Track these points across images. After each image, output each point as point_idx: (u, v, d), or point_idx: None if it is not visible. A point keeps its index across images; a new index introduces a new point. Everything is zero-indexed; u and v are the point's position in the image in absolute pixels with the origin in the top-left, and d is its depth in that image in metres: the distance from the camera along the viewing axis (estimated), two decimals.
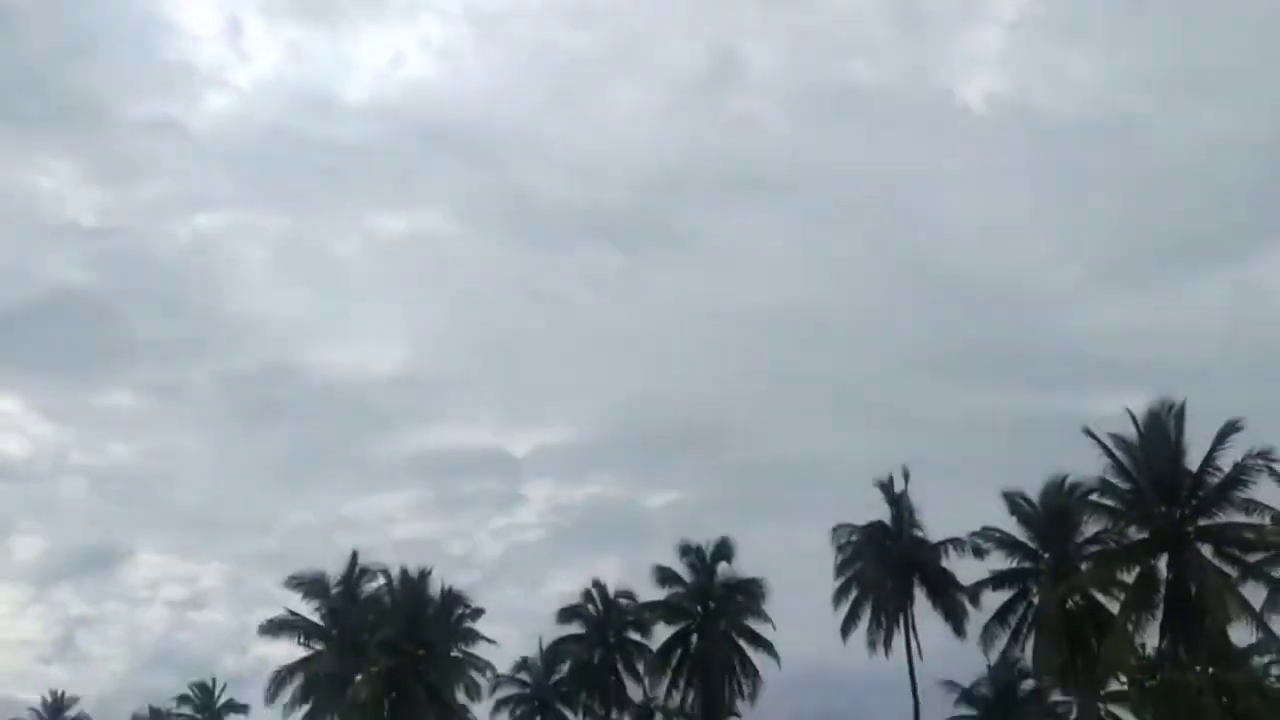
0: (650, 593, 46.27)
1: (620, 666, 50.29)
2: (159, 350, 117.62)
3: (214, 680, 64.67)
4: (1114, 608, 33.40)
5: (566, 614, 51.27)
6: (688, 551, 45.07)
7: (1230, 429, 31.11)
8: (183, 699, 64.28)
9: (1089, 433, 32.63)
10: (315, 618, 47.51)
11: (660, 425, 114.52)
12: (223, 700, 63.67)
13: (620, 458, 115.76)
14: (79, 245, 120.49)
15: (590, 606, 51.13)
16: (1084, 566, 35.54)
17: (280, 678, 46.41)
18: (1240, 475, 31.00)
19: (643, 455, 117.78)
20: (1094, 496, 33.38)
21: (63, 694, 70.00)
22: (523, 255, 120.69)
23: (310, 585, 47.03)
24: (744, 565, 45.06)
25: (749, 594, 44.09)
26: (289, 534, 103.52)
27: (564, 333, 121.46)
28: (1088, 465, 33.42)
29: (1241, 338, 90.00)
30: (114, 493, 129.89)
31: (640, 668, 49.27)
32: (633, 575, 52.83)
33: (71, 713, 69.50)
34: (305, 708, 45.83)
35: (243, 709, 62.60)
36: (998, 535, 37.91)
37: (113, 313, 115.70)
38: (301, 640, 47.24)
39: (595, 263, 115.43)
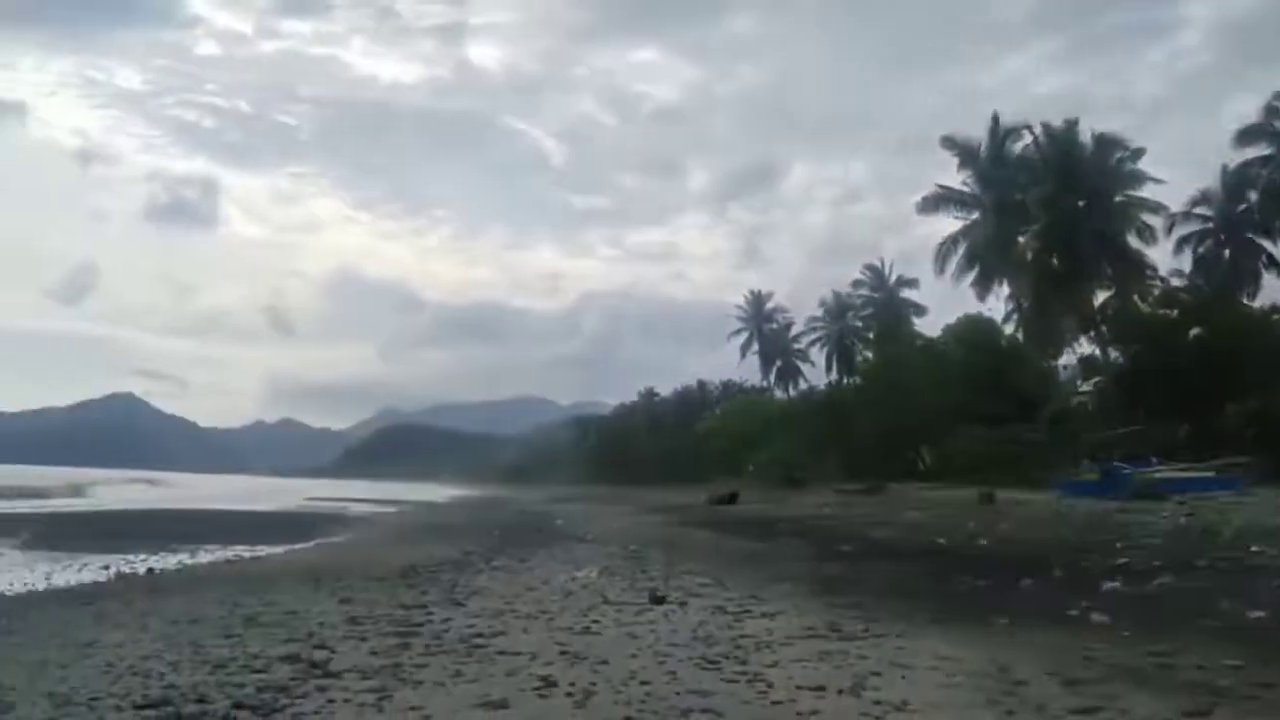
0: None
1: None
2: None
3: (882, 261, 72.07)
4: None
5: (1246, 135, 45.39)
6: None
7: None
8: (857, 282, 72.51)
9: None
10: (966, 189, 48.20)
11: None
12: (893, 277, 70.10)
13: None
14: None
15: (1276, 122, 44.58)
16: None
17: (944, 249, 48.54)
18: None
19: None
20: None
21: (759, 291, 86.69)
22: None
23: (963, 150, 47.23)
24: None
25: None
26: (921, 119, 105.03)
27: None
28: None
29: None
30: (752, 115, 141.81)
31: None
32: None
33: (770, 305, 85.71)
34: (972, 274, 47.66)
35: (912, 283, 68.70)
36: None
37: None
38: (957, 213, 48.46)
39: None
